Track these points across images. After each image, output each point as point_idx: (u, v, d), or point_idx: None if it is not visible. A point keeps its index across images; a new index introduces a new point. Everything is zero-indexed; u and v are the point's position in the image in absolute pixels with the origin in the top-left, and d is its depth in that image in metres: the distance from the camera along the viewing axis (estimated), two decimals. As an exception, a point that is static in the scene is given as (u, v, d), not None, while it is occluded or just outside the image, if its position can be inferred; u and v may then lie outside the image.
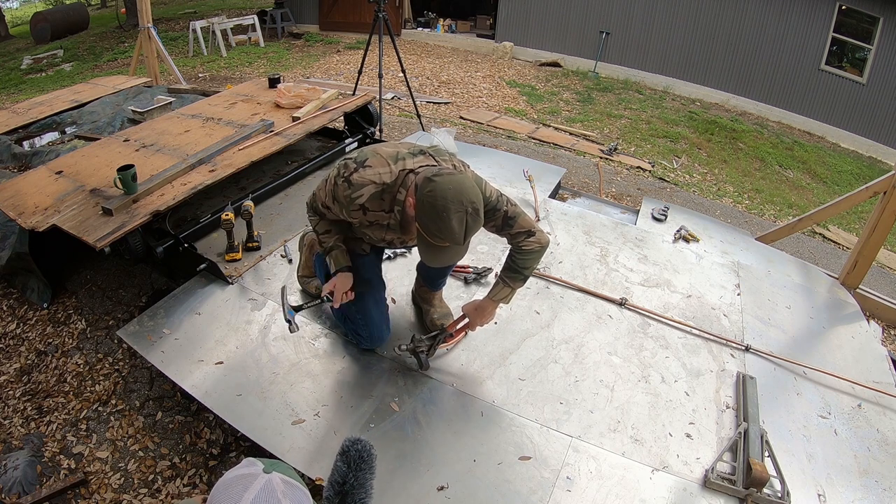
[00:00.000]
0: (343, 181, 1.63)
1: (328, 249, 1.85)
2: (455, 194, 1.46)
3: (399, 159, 1.65)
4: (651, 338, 2.27)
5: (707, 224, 3.29)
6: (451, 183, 1.48)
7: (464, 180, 1.51)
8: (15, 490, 1.94)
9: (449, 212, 1.44)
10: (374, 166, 1.63)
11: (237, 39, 9.81)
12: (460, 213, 1.45)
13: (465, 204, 1.46)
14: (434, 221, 1.46)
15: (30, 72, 9.36)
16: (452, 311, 2.21)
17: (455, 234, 1.46)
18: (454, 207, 1.45)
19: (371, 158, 1.65)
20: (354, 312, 1.97)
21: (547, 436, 1.82)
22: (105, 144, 3.12)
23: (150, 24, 5.48)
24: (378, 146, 1.72)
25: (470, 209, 1.47)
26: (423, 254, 1.59)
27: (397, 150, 1.68)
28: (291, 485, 0.98)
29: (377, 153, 1.66)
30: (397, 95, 6.93)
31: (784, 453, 1.82)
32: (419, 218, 1.51)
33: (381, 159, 1.65)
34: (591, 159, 5.70)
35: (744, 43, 8.44)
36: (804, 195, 6.26)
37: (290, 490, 0.96)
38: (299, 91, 3.59)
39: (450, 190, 1.46)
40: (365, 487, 1.24)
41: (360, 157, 1.66)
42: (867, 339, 2.50)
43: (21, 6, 19.94)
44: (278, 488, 0.95)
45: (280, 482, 0.96)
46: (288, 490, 0.96)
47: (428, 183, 1.50)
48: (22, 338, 2.63)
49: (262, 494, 0.92)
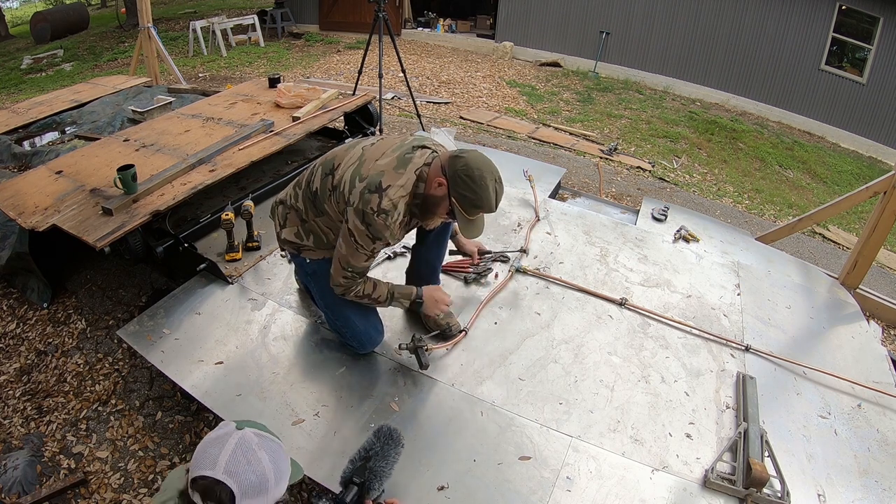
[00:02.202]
0: (378, 215, 1.61)
1: (389, 299, 1.87)
2: (486, 165, 1.63)
3: (407, 162, 1.66)
4: (651, 338, 2.27)
5: (707, 224, 3.29)
6: (478, 156, 1.65)
7: (483, 156, 1.67)
8: (15, 490, 1.94)
9: (486, 180, 1.60)
10: (392, 184, 1.63)
11: (237, 39, 9.81)
12: (494, 183, 1.63)
13: (495, 173, 1.65)
14: (474, 192, 1.60)
15: (30, 72, 9.36)
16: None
17: (492, 201, 1.63)
18: (489, 176, 1.61)
19: (383, 178, 1.63)
20: (340, 326, 1.97)
21: (547, 436, 1.82)
22: (105, 144, 3.12)
23: (150, 24, 5.48)
24: (367, 161, 1.68)
25: (497, 178, 1.65)
26: (462, 226, 1.71)
27: (397, 155, 1.68)
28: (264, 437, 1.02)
29: (384, 171, 1.64)
30: (397, 95, 6.94)
31: (784, 453, 1.82)
32: (455, 192, 1.62)
33: (393, 174, 1.64)
34: (591, 159, 5.70)
35: (744, 43, 8.45)
36: (804, 195, 6.26)
37: (264, 442, 1.01)
38: (299, 91, 3.59)
39: (481, 161, 1.63)
40: (387, 459, 1.41)
41: (372, 183, 1.62)
42: (867, 339, 2.50)
43: (21, 6, 19.94)
44: (252, 441, 0.99)
45: (253, 436, 1.01)
46: (262, 442, 1.01)
47: (457, 160, 1.63)
48: (22, 338, 2.63)
49: (238, 450, 0.97)
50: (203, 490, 0.95)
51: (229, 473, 0.95)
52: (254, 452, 0.98)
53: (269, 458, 0.99)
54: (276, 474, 0.99)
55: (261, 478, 0.96)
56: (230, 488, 0.94)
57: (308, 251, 1.90)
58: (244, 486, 0.95)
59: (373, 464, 1.40)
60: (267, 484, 0.97)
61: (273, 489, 0.98)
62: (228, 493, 0.93)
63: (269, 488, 0.97)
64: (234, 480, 0.94)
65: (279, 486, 1.00)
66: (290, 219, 1.91)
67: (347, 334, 1.98)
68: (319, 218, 1.83)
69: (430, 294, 1.94)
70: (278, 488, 1.00)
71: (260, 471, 0.97)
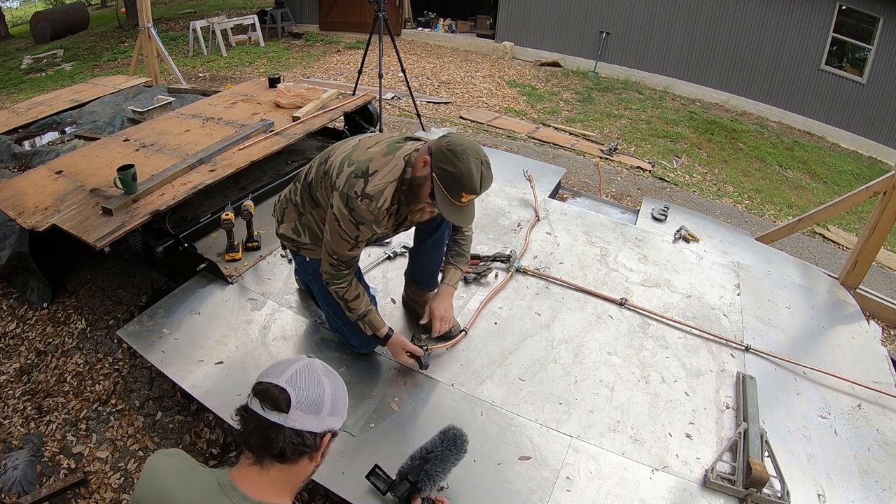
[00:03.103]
0: (361, 199, 1.58)
1: (358, 318, 1.84)
2: (470, 144, 1.58)
3: (396, 149, 1.66)
4: (651, 338, 2.27)
5: (707, 224, 3.29)
6: (465, 138, 1.61)
7: (472, 140, 1.63)
8: (15, 490, 1.94)
9: (468, 156, 1.53)
10: (379, 169, 1.61)
11: (237, 39, 9.81)
12: (476, 161, 1.55)
13: (480, 154, 1.57)
14: (454, 164, 1.53)
15: (30, 71, 9.36)
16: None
17: (473, 179, 1.54)
18: (472, 154, 1.54)
19: (371, 164, 1.61)
20: (342, 325, 1.97)
21: (547, 436, 1.82)
22: (105, 144, 3.12)
23: (150, 24, 5.48)
24: (358, 148, 1.68)
25: (483, 160, 1.57)
26: (443, 208, 1.61)
27: (387, 143, 1.68)
28: (331, 372, 1.06)
29: (372, 157, 1.63)
30: (397, 95, 6.93)
31: (784, 453, 1.82)
32: (437, 168, 1.56)
33: (381, 160, 1.63)
34: (591, 159, 5.70)
35: (744, 43, 8.45)
36: (804, 195, 6.26)
37: (329, 374, 1.04)
38: (299, 91, 3.59)
39: (467, 141, 1.59)
40: (444, 464, 1.43)
41: (359, 168, 1.61)
42: (867, 339, 2.50)
43: (21, 6, 19.94)
44: (319, 368, 1.03)
45: (321, 366, 1.05)
46: (327, 373, 1.04)
47: (443, 138, 1.59)
48: (22, 337, 2.63)
49: (304, 369, 1.01)
50: (262, 393, 0.97)
51: (291, 383, 0.98)
52: (318, 377, 1.01)
53: (331, 386, 1.02)
54: (333, 403, 1.01)
55: (318, 397, 0.98)
56: (289, 395, 0.96)
57: (307, 250, 1.90)
58: (301, 398, 0.97)
59: (430, 466, 1.42)
60: (322, 405, 0.99)
61: (326, 416, 0.99)
62: (287, 398, 0.96)
63: (323, 412, 0.99)
64: (293, 389, 0.97)
65: (333, 416, 1.01)
66: (287, 213, 1.91)
67: (348, 333, 1.98)
68: (315, 210, 1.81)
69: (397, 340, 1.93)
70: (332, 418, 1.01)
71: (319, 391, 0.99)
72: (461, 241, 2.02)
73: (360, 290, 1.82)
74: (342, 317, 1.93)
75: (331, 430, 1.02)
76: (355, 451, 1.70)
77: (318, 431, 0.99)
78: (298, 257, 1.97)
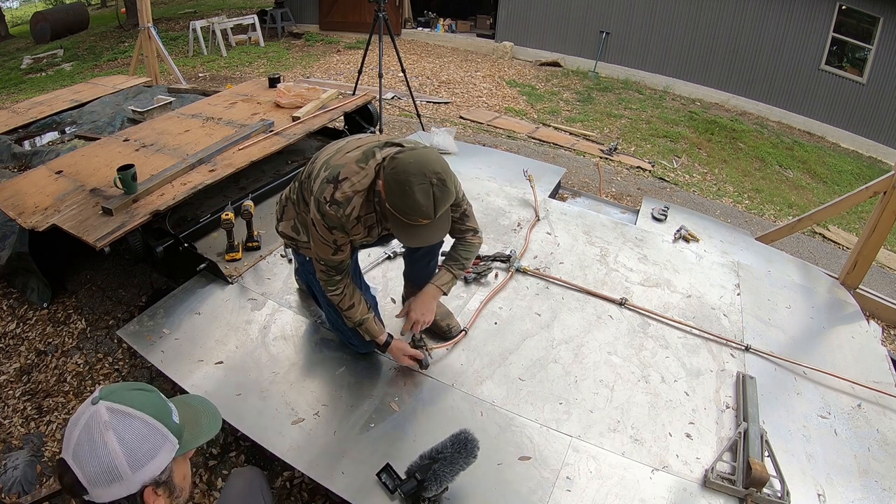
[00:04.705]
0: (330, 205, 1.56)
1: (357, 324, 1.83)
2: (417, 167, 1.43)
3: (369, 158, 1.60)
4: (651, 338, 2.27)
5: (707, 224, 3.29)
6: (412, 157, 1.46)
7: (428, 153, 1.49)
8: (15, 490, 1.94)
9: (412, 185, 1.42)
10: (349, 177, 1.57)
11: (237, 39, 9.81)
12: (424, 185, 1.43)
13: (429, 175, 1.43)
14: (400, 197, 1.44)
15: (30, 71, 9.36)
16: (449, 310, 2.21)
17: (422, 207, 1.43)
18: (416, 180, 1.42)
19: (343, 169, 1.58)
20: (342, 325, 1.96)
21: (547, 436, 1.82)
22: (105, 144, 3.12)
23: (150, 24, 5.48)
24: (340, 151, 1.65)
25: (434, 180, 1.44)
26: (398, 234, 1.56)
27: (364, 149, 1.63)
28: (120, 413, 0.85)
29: (346, 163, 1.60)
30: (397, 95, 6.94)
31: (784, 453, 1.82)
32: (389, 198, 1.48)
33: (352, 167, 1.59)
34: (591, 159, 5.70)
35: (744, 43, 8.45)
36: (804, 195, 6.26)
37: (117, 420, 0.84)
38: (299, 91, 3.59)
39: (411, 163, 1.44)
40: (453, 467, 1.44)
41: (332, 174, 1.58)
42: (867, 339, 2.50)
43: (21, 6, 19.94)
44: (101, 420, 0.84)
45: (104, 412, 0.84)
46: (115, 420, 0.84)
47: (391, 161, 1.48)
48: (22, 337, 2.63)
49: (83, 434, 0.83)
50: (59, 476, 0.84)
51: (75, 458, 0.83)
52: (101, 435, 0.82)
53: (117, 440, 0.83)
54: (130, 458, 0.83)
55: (107, 465, 0.82)
56: (75, 475, 0.82)
57: (306, 248, 1.90)
58: (90, 475, 0.82)
59: (438, 466, 1.42)
60: (116, 470, 0.82)
61: (131, 476, 0.84)
62: (75, 480, 0.82)
63: (124, 475, 0.83)
64: (78, 466, 0.83)
65: (140, 470, 0.85)
66: (287, 211, 1.92)
67: (349, 333, 1.98)
68: (306, 210, 1.79)
69: (397, 346, 1.91)
70: (140, 473, 0.84)
71: (105, 457, 0.82)
72: (461, 247, 1.92)
73: (357, 299, 1.80)
74: (336, 324, 1.93)
75: (151, 483, 0.86)
76: (355, 451, 1.71)
77: (134, 492, 0.85)
78: (299, 256, 1.98)
